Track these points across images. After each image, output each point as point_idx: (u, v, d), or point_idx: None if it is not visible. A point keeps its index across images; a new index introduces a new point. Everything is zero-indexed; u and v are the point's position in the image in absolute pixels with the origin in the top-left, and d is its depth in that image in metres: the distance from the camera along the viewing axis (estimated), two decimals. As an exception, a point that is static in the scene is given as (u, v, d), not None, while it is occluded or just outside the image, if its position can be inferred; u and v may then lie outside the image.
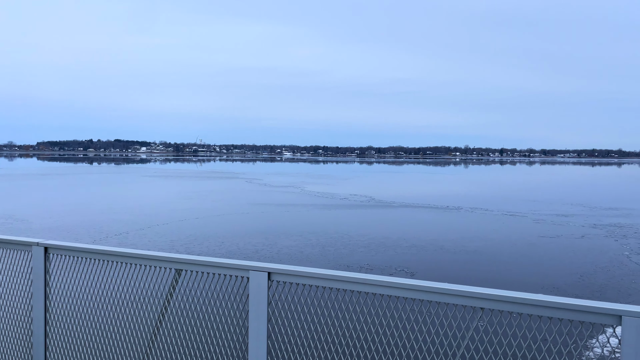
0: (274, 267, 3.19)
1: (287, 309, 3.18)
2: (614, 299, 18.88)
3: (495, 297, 2.46)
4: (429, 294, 2.65)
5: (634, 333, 2.03)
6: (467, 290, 2.57)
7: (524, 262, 24.60)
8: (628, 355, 2.05)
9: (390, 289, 2.74)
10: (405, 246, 27.48)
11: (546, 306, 2.32)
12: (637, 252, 27.30)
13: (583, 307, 2.20)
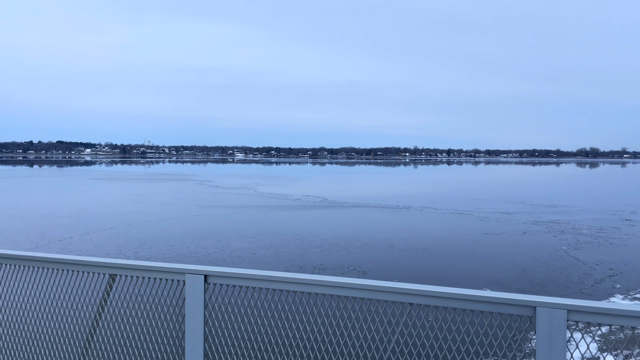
0: (211, 270, 3.16)
1: (224, 311, 3.16)
2: (553, 291, 19.86)
3: (421, 293, 2.56)
4: (361, 291, 2.72)
5: (547, 322, 2.15)
6: (396, 286, 2.65)
7: (470, 258, 25.44)
8: (542, 343, 2.17)
9: (325, 287, 2.79)
10: (357, 245, 27.79)
11: (467, 299, 2.43)
12: (574, 246, 28.83)
13: (501, 299, 2.32)
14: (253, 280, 3.07)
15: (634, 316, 2.08)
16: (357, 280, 2.78)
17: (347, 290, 2.78)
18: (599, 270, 23.35)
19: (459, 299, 2.47)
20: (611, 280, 21.67)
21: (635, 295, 19.49)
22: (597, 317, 2.16)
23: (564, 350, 2.20)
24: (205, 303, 3.16)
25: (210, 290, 3.22)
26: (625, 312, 2.10)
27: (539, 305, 2.25)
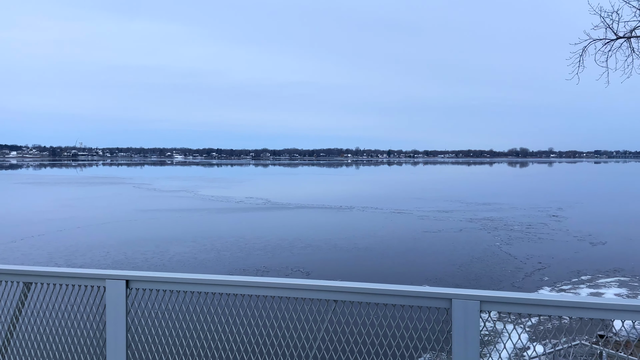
0: (133, 275, 3.05)
1: (147, 316, 3.05)
2: (487, 285, 20.76)
3: (345, 289, 2.62)
4: (286, 290, 2.74)
5: (462, 313, 2.25)
6: (320, 284, 2.70)
7: (410, 256, 26.12)
8: (458, 333, 2.28)
9: (250, 288, 2.80)
10: (301, 246, 27.82)
11: (388, 294, 2.53)
12: (507, 242, 30.31)
13: (420, 293, 2.42)
14: (178, 284, 2.99)
15: (541, 305, 2.21)
16: (282, 280, 2.80)
17: (272, 290, 2.79)
18: (529, 264, 24.66)
19: (381, 294, 2.55)
20: (540, 273, 22.94)
21: (561, 287, 20.74)
22: (507, 307, 2.30)
23: (478, 337, 2.32)
24: (127, 309, 3.03)
25: (133, 295, 3.09)
26: (533, 300, 2.24)
27: (454, 297, 2.36)
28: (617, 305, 2.08)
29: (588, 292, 19.88)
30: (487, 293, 2.32)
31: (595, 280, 21.50)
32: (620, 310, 2.09)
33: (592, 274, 22.43)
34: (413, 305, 2.53)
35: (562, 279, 21.67)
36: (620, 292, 19.87)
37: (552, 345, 11.49)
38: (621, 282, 21.27)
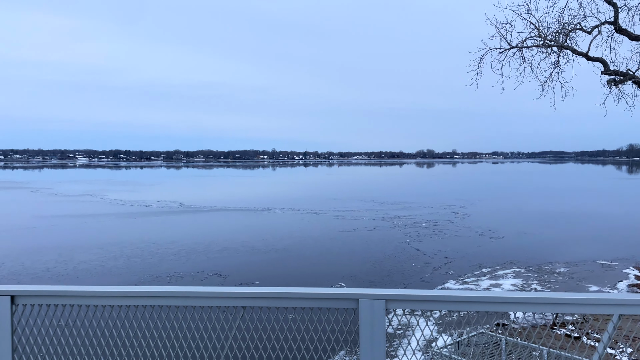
0: (19, 290, 2.76)
1: (36, 334, 2.77)
2: (398, 280, 21.74)
3: (253, 295, 2.54)
4: (192, 299, 2.62)
5: (369, 312, 2.35)
6: (227, 291, 2.58)
7: (327, 256, 26.64)
8: (364, 332, 2.35)
9: (153, 299, 2.64)
10: (217, 250, 27.31)
11: (297, 297, 2.48)
12: (416, 239, 31.89)
13: (328, 294, 2.44)
14: (71, 297, 2.75)
15: (443, 301, 2.33)
16: (187, 289, 2.67)
17: (177, 300, 2.66)
18: (437, 259, 26.17)
19: (290, 298, 2.52)
20: (446, 267, 24.44)
21: (465, 280, 22.27)
22: (411, 304, 2.37)
23: (384, 335, 2.38)
24: (13, 327, 2.74)
25: (20, 312, 2.82)
26: (435, 297, 2.34)
27: (361, 297, 2.40)
28: (511, 298, 2.27)
29: (488, 283, 21.52)
30: (392, 292, 2.41)
31: (495, 272, 23.31)
32: (513, 303, 2.27)
33: (492, 267, 24.28)
34: (322, 307, 2.52)
35: (465, 272, 23.23)
36: (516, 282, 21.73)
37: (457, 335, 12.33)
38: (517, 273, 23.25)
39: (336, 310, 2.50)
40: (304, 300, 2.50)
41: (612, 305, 2.03)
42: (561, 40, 12.64)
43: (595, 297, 2.05)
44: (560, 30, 12.71)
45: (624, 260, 25.54)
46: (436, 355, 10.67)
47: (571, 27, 12.66)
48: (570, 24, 12.72)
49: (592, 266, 24.71)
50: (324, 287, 2.71)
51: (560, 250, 28.05)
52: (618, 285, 21.54)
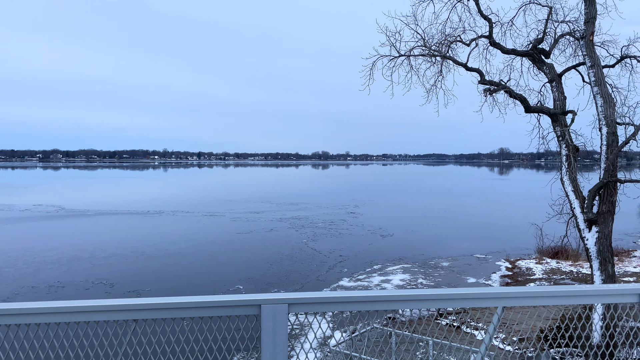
0: None
1: None
2: (296, 280, 22.02)
3: (146, 307, 2.28)
4: (70, 314, 2.29)
5: (271, 318, 2.31)
6: (115, 304, 2.29)
7: (223, 258, 26.16)
8: (267, 338, 2.30)
9: (24, 316, 2.28)
10: (103, 257, 25.56)
11: (195, 307, 2.30)
12: (312, 239, 32.52)
13: (229, 302, 2.31)
14: None
15: (343, 302, 2.37)
16: (66, 303, 2.34)
17: (53, 317, 2.32)
18: (332, 257, 26.92)
19: (187, 308, 2.34)
20: (341, 265, 25.24)
21: (358, 277, 23.17)
22: (313, 307, 2.35)
23: (286, 340, 2.33)
24: None
25: None
26: (335, 298, 2.37)
27: (263, 303, 2.33)
28: (403, 296, 2.38)
29: (380, 279, 22.60)
30: (294, 295, 2.36)
31: (385, 269, 24.54)
32: (405, 300, 2.40)
33: (383, 263, 25.53)
34: (222, 315, 2.40)
35: (358, 269, 24.17)
36: (404, 277, 23.07)
37: (351, 331, 12.81)
38: (405, 268, 24.69)
39: (237, 318, 2.39)
40: (201, 310, 2.34)
41: (497, 299, 2.22)
42: (444, 50, 13.71)
43: (480, 292, 2.22)
44: (443, 42, 13.78)
45: (496, 254, 28.29)
46: (332, 352, 10.99)
47: (452, 39, 13.78)
48: (452, 36, 13.85)
49: (470, 260, 27.03)
50: (222, 292, 2.59)
51: (443, 246, 30.31)
52: (492, 276, 23.78)
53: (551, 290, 2.13)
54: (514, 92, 13.01)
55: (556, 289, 2.13)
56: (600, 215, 11.43)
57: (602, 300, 2.20)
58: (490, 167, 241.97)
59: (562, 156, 12.47)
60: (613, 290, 2.15)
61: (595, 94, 11.87)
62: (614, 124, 11.63)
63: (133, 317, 2.27)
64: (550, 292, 2.13)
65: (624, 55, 13.05)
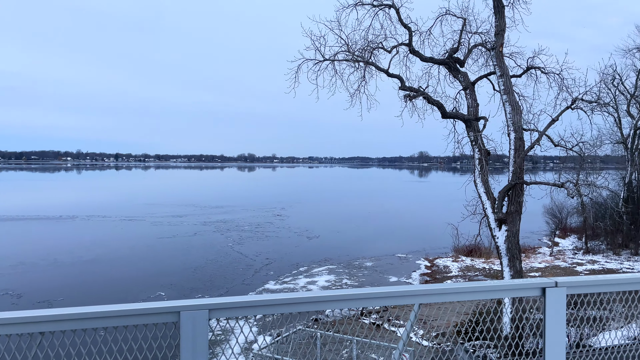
0: None
1: None
2: (221, 285, 21.60)
3: (53, 318, 2.09)
4: None
5: (190, 325, 2.23)
6: (16, 316, 2.07)
7: (143, 265, 25.08)
8: (186, 346, 2.20)
9: None
10: (10, 266, 23.60)
11: (110, 316, 2.17)
12: (238, 242, 32.09)
13: (146, 309, 2.18)
14: None
15: (266, 305, 2.33)
16: None
17: None
18: (258, 260, 26.71)
19: (100, 318, 2.19)
20: (267, 268, 25.12)
21: (284, 280, 23.18)
22: (235, 312, 2.28)
23: (207, 347, 2.24)
24: None
25: None
26: (258, 302, 2.32)
27: (182, 310, 2.23)
28: (325, 297, 2.39)
29: (305, 281, 22.76)
30: (215, 301, 2.28)
31: (311, 270, 24.75)
32: (327, 301, 2.42)
33: (309, 265, 25.73)
34: (139, 324, 2.26)
35: (285, 272, 24.18)
36: (330, 278, 23.40)
37: (276, 334, 12.77)
38: (330, 269, 25.05)
39: (154, 326, 2.26)
40: (116, 319, 2.20)
41: (414, 296, 2.32)
42: (367, 56, 14.12)
43: (398, 290, 2.31)
44: (366, 48, 14.20)
45: (416, 253, 29.48)
46: (257, 357, 10.90)
47: (375, 46, 14.25)
48: (374, 43, 14.32)
49: (392, 259, 27.96)
50: (141, 300, 2.44)
51: (367, 246, 31.10)
52: (412, 274, 24.76)
53: (463, 287, 2.27)
54: (431, 99, 13.67)
55: (467, 285, 2.28)
56: (509, 215, 12.29)
57: (509, 295, 2.38)
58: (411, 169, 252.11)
59: (475, 159, 13.28)
60: (519, 285, 2.33)
61: (504, 102, 12.77)
62: (521, 130, 12.57)
63: (39, 330, 2.08)
64: (462, 289, 2.27)
65: (530, 66, 14.14)
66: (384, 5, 13.66)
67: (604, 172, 34.27)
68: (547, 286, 2.30)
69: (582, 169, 13.52)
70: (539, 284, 2.31)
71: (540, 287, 2.31)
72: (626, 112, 33.61)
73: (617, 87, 33.33)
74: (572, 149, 13.18)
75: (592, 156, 14.47)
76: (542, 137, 12.21)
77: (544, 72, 13.71)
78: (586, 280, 2.37)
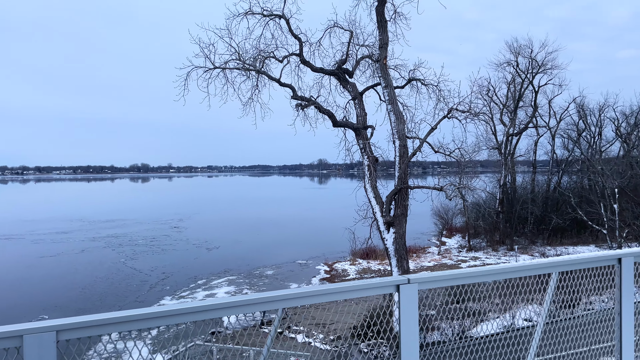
0: None
1: None
2: (112, 303, 20.31)
3: None
4: None
5: (36, 348, 2.09)
6: None
7: (23, 286, 22.84)
8: None
9: None
10: None
11: None
12: (132, 257, 30.39)
13: None
14: None
15: (121, 322, 2.17)
16: None
17: None
18: (154, 275, 25.51)
19: None
20: (163, 283, 24.07)
21: (181, 294, 22.39)
22: (85, 331, 2.14)
23: None
24: None
25: None
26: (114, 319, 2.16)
27: (25, 333, 2.07)
28: (220, 304, 2.33)
29: (204, 294, 22.17)
30: (64, 321, 2.12)
31: (210, 283, 24.17)
32: (223, 308, 2.36)
33: (208, 277, 25.11)
34: None
35: (182, 286, 23.36)
36: (230, 289, 23.03)
37: (172, 352, 12.27)
38: (230, 280, 24.65)
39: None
40: None
41: (277, 301, 2.39)
42: (258, 65, 14.21)
43: (261, 296, 2.33)
44: (257, 57, 14.30)
45: (316, 258, 30.04)
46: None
47: (266, 55, 14.40)
48: (266, 52, 14.46)
49: (292, 266, 28.22)
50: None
51: (268, 254, 31.06)
52: (312, 280, 25.19)
53: (323, 289, 2.38)
54: (322, 108, 14.11)
55: (327, 287, 2.40)
56: (396, 218, 13.03)
57: (366, 294, 2.54)
58: (311, 177, 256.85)
59: (364, 166, 13.92)
60: (375, 284, 2.50)
61: (389, 112, 13.55)
62: (405, 137, 13.41)
63: None
64: (322, 291, 2.38)
65: (411, 78, 15.17)
66: (274, 15, 13.87)
67: (483, 176, 37.49)
68: (400, 283, 2.49)
69: (464, 172, 14.73)
70: (394, 282, 2.49)
71: (395, 284, 2.49)
72: (499, 120, 37.17)
73: (491, 98, 36.76)
74: (451, 154, 14.33)
75: (472, 161, 15.82)
76: (424, 144, 13.13)
77: (424, 84, 14.79)
78: (435, 276, 2.61)
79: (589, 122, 38.54)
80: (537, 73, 36.88)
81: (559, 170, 39.19)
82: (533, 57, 36.48)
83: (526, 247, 32.98)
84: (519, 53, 36.68)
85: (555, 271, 2.98)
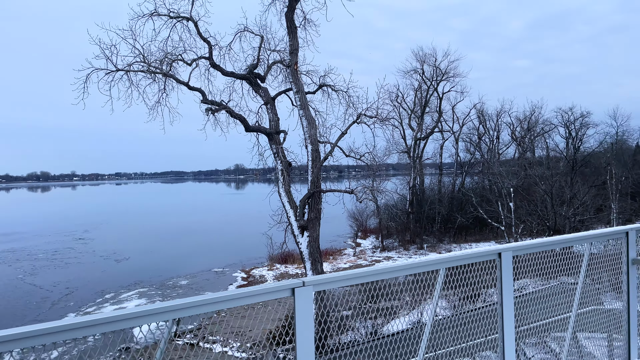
0: None
1: None
2: (7, 324, 18.55)
3: None
4: None
5: None
6: None
7: None
8: None
9: None
10: None
11: None
12: (31, 273, 28.03)
13: None
14: None
15: (31, 336, 1.97)
16: None
17: None
18: (56, 291, 23.71)
19: None
20: (67, 298, 22.45)
21: (87, 310, 21.00)
22: None
23: None
24: None
25: None
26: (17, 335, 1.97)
27: None
28: (132, 313, 2.16)
29: (112, 309, 20.99)
30: None
31: (119, 296, 22.93)
32: (132, 318, 2.19)
33: (116, 290, 23.79)
34: None
35: (88, 301, 21.95)
36: (140, 302, 21.98)
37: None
38: (141, 292, 23.54)
39: None
40: None
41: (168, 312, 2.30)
42: (165, 68, 13.76)
43: (149, 308, 2.21)
44: (164, 59, 13.83)
45: (233, 265, 29.56)
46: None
47: (174, 58, 13.96)
48: (173, 55, 14.03)
49: (208, 275, 27.54)
50: None
51: (182, 264, 30.06)
52: (229, 288, 24.76)
53: (218, 297, 2.36)
54: (234, 112, 13.96)
55: (222, 295, 2.37)
56: (310, 222, 13.20)
57: (262, 299, 2.54)
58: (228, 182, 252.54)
59: (278, 171, 13.96)
60: (271, 288, 2.51)
61: (301, 117, 13.71)
62: (317, 142, 13.63)
63: None
64: (217, 298, 2.35)
65: (322, 84, 15.47)
66: (182, 17, 13.51)
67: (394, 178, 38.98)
68: (296, 286, 2.52)
69: (376, 175, 15.26)
70: (289, 285, 2.52)
71: (290, 288, 2.52)
72: (408, 125, 38.99)
73: (400, 104, 38.47)
74: (361, 158, 14.80)
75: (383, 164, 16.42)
76: (335, 149, 13.44)
77: (334, 90, 15.16)
78: (329, 277, 2.69)
79: (488, 126, 41.63)
80: (441, 80, 39.16)
81: (463, 172, 41.86)
82: (437, 66, 38.70)
83: (435, 245, 34.79)
84: (424, 61, 38.77)
85: (442, 267, 3.19)
